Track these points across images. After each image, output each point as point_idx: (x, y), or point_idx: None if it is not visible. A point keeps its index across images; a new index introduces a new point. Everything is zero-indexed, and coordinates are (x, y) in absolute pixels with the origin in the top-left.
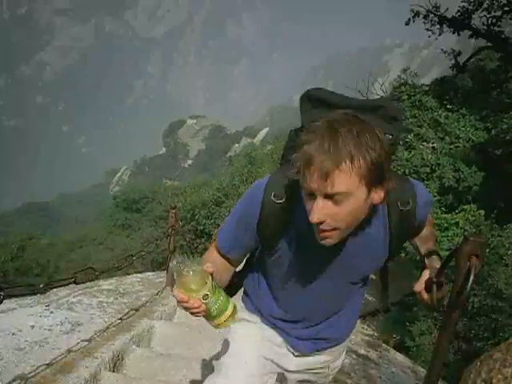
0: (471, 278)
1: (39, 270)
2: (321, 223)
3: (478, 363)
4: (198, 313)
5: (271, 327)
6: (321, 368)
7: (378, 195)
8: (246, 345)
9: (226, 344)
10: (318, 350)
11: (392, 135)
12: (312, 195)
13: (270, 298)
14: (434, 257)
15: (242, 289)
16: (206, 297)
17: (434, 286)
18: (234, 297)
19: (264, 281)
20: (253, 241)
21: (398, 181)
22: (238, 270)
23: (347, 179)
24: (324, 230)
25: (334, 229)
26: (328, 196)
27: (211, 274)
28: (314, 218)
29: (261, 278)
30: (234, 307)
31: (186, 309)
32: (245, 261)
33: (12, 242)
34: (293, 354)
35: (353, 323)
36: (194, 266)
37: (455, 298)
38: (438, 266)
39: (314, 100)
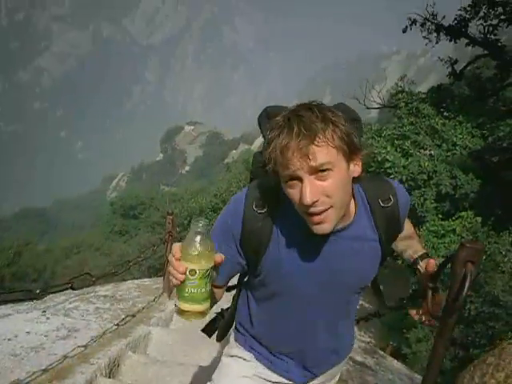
0: (467, 284)
1: (36, 276)
2: (313, 204)
3: (472, 368)
4: (174, 278)
5: (265, 364)
6: None
7: (356, 167)
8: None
9: (217, 381)
10: (313, 378)
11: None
12: (296, 180)
13: (261, 330)
14: (428, 260)
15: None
16: (192, 272)
17: (430, 292)
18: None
19: (254, 311)
20: (236, 259)
21: (375, 180)
22: (225, 306)
23: (326, 151)
24: (317, 214)
25: (327, 209)
26: (313, 172)
27: (215, 266)
28: (307, 198)
29: (251, 310)
30: (204, 311)
31: (170, 266)
32: (235, 296)
33: (9, 247)
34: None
35: (351, 343)
36: (210, 241)
37: (451, 304)
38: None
39: (274, 116)
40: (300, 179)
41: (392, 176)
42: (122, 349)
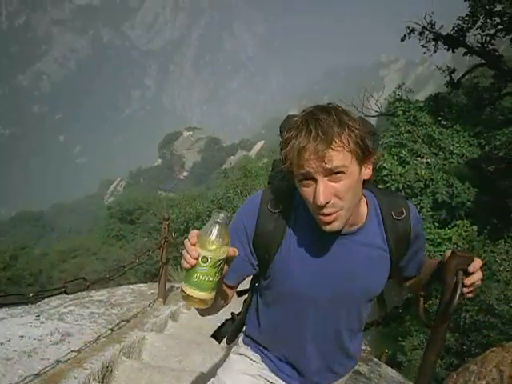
0: (458, 292)
1: (32, 280)
2: (326, 205)
3: (455, 375)
4: (186, 261)
5: (271, 367)
6: None
7: (367, 170)
8: (238, 382)
9: (222, 374)
10: None
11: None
12: (311, 180)
13: (268, 334)
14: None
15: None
16: (204, 259)
17: (422, 300)
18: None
19: (262, 315)
20: (248, 259)
21: (390, 193)
22: (236, 312)
23: (341, 155)
24: (328, 214)
25: (337, 211)
26: (327, 174)
27: (227, 260)
28: (320, 198)
29: (260, 314)
30: (208, 300)
31: (185, 249)
32: (246, 300)
33: (5, 251)
34: None
35: (357, 354)
36: (228, 233)
37: (442, 312)
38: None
39: None
40: (314, 180)
41: (389, 184)
42: (116, 354)
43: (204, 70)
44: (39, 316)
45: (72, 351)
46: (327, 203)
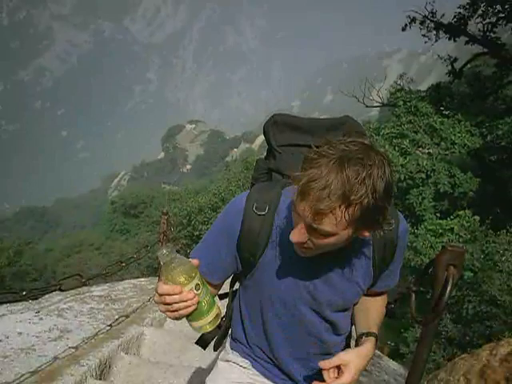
0: (449, 287)
1: (36, 275)
2: (300, 243)
3: (425, 383)
4: (189, 307)
5: (260, 371)
6: None
7: (365, 233)
8: None
9: (212, 382)
10: None
11: None
12: (300, 217)
13: (252, 337)
14: (371, 338)
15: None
16: (198, 287)
17: (413, 295)
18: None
19: (246, 318)
20: (232, 260)
21: None
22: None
23: (335, 222)
24: (302, 246)
25: (311, 249)
26: (312, 228)
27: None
28: (294, 238)
29: (243, 317)
30: (220, 310)
31: (176, 304)
32: (228, 304)
33: (9, 247)
34: None
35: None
36: (181, 257)
37: (433, 308)
38: (362, 349)
39: (281, 125)
40: (302, 219)
41: None
42: (114, 350)
43: (206, 63)
44: (39, 312)
45: (70, 347)
46: (301, 243)
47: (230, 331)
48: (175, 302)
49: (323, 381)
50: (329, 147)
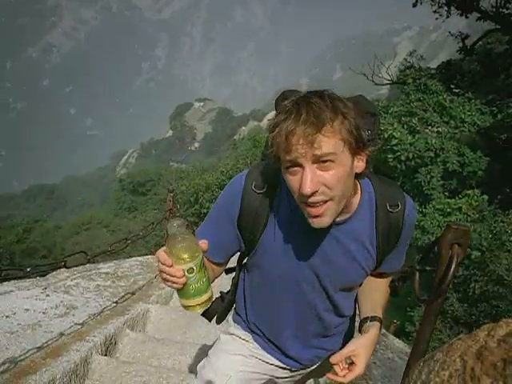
0: (453, 266)
1: (45, 252)
2: (313, 195)
3: (421, 363)
4: (175, 284)
5: (261, 345)
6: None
7: (360, 162)
8: (231, 363)
9: (213, 356)
10: (308, 365)
11: (370, 130)
12: (298, 167)
13: (254, 313)
14: (376, 323)
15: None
16: (191, 270)
17: (417, 274)
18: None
19: (248, 294)
20: (233, 239)
21: (389, 184)
22: (225, 290)
23: (332, 142)
24: (315, 206)
25: (326, 201)
26: (316, 161)
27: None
28: (307, 188)
29: (246, 293)
30: (211, 296)
31: (164, 274)
32: (234, 278)
33: (18, 224)
34: (285, 369)
35: (342, 340)
36: (190, 235)
37: (437, 286)
38: (368, 336)
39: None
40: (302, 166)
41: (398, 153)
42: (120, 326)
43: (214, 39)
44: (45, 289)
45: (76, 324)
46: (314, 192)
47: (233, 306)
48: (164, 272)
49: (328, 366)
50: (285, 103)
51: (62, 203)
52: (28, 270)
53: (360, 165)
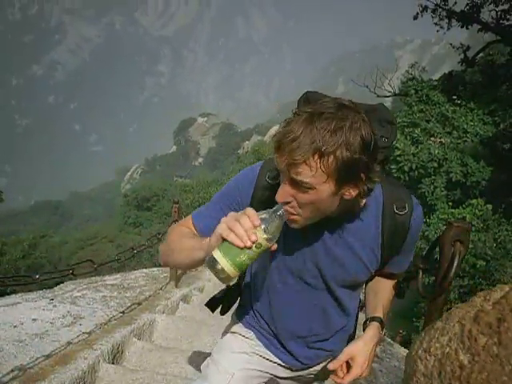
0: (455, 263)
1: (51, 268)
2: (286, 203)
3: (423, 334)
4: (241, 240)
5: (263, 342)
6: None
7: (349, 192)
8: (234, 361)
9: (216, 354)
10: (310, 366)
11: (387, 138)
12: (282, 174)
13: (258, 307)
14: (374, 323)
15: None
16: (258, 245)
17: (420, 272)
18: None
19: (253, 287)
20: None
21: (397, 186)
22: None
23: (312, 174)
24: (288, 211)
25: (294, 214)
26: (294, 181)
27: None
28: (278, 196)
29: (251, 286)
30: (234, 279)
31: (238, 226)
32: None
33: (24, 239)
34: (285, 367)
35: (345, 339)
36: (280, 228)
37: (440, 283)
38: (364, 338)
39: (313, 101)
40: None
41: (401, 164)
42: (127, 335)
43: (217, 54)
44: (52, 300)
45: (83, 333)
46: (286, 202)
47: (238, 300)
48: (242, 226)
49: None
50: (306, 107)
51: (68, 218)
52: (37, 276)
53: (347, 194)
